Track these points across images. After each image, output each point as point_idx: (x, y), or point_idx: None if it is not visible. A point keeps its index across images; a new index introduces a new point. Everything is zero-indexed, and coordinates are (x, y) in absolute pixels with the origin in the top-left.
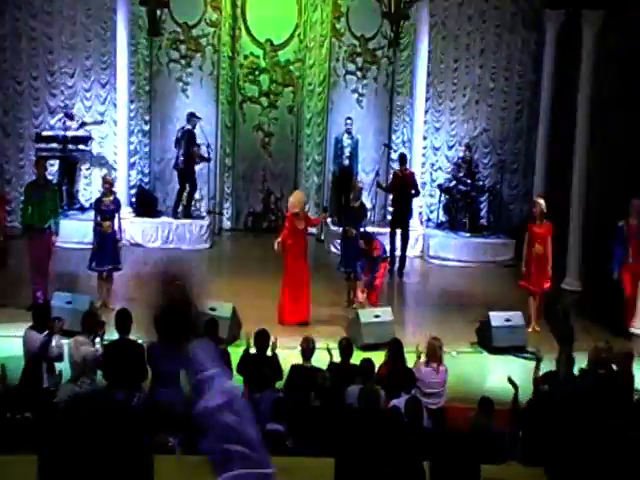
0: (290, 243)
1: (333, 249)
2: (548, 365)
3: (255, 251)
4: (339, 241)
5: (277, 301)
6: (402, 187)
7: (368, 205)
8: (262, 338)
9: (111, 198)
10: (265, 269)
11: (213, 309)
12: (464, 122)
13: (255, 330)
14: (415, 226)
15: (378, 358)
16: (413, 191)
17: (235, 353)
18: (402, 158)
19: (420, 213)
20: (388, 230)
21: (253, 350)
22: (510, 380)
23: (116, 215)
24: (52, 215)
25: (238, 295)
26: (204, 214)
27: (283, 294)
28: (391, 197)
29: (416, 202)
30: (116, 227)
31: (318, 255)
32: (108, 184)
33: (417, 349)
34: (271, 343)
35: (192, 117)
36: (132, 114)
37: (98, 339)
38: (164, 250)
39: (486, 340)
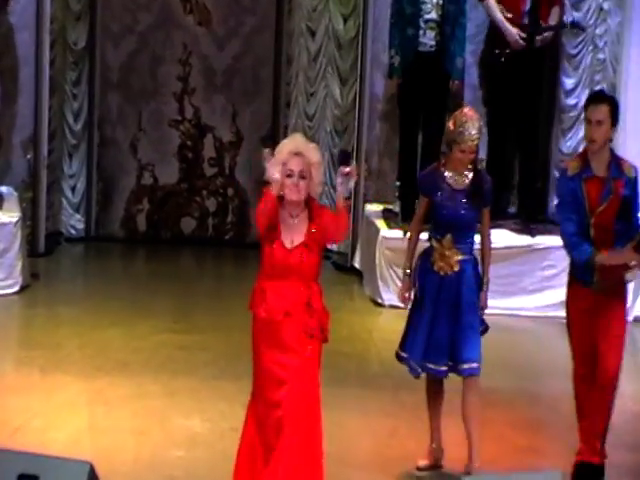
0: (270, 292)
1: (385, 297)
2: None
3: (160, 300)
4: (400, 270)
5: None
6: None
7: None
8: None
9: None
10: (191, 359)
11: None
12: None
13: None
14: None
15: None
16: None
17: None
18: None
19: None
20: None
21: None
22: None
23: None
24: None
25: (112, 431)
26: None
27: (245, 443)
28: None
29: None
30: None
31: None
32: None
33: None
34: None
35: None
36: None
37: None
38: None
39: None
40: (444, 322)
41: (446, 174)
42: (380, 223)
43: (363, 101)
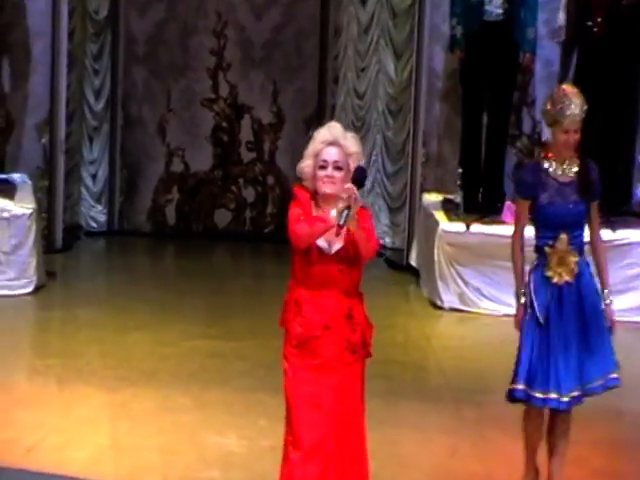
0: (308, 315)
1: (445, 298)
2: None
3: (191, 302)
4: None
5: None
6: None
7: None
8: None
9: None
10: (226, 368)
11: None
12: None
13: None
14: None
15: None
16: None
17: None
18: None
19: None
20: None
21: None
22: None
23: None
24: None
25: (137, 449)
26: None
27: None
28: None
29: None
30: None
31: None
32: None
33: None
34: None
35: None
36: None
37: None
38: None
39: None
40: (574, 340)
41: (550, 167)
42: (439, 215)
43: (420, 77)
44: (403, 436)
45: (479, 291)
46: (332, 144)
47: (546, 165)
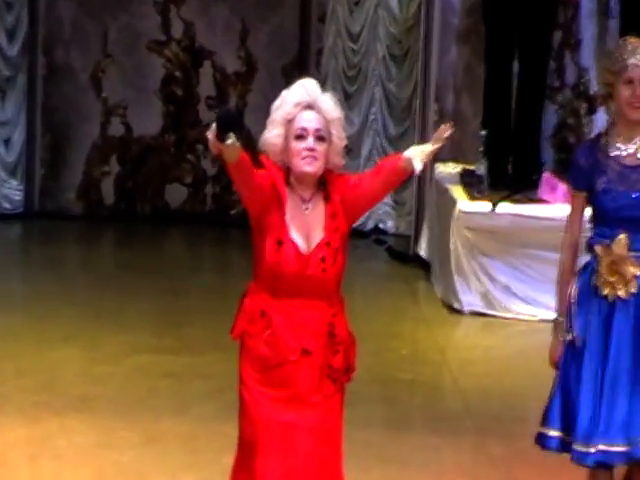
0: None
1: (464, 300)
2: None
3: (137, 306)
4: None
5: None
6: None
7: None
8: None
9: None
10: (182, 391)
11: None
12: None
13: None
14: None
15: None
16: None
17: None
18: None
19: None
20: None
21: None
22: None
23: None
24: None
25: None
26: None
27: None
28: None
29: None
30: None
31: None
32: None
33: None
34: None
35: None
36: None
37: None
38: None
39: None
40: (625, 376)
41: (610, 145)
42: (457, 191)
43: (432, 13)
44: (411, 477)
45: (508, 289)
46: (310, 107)
47: (606, 143)
